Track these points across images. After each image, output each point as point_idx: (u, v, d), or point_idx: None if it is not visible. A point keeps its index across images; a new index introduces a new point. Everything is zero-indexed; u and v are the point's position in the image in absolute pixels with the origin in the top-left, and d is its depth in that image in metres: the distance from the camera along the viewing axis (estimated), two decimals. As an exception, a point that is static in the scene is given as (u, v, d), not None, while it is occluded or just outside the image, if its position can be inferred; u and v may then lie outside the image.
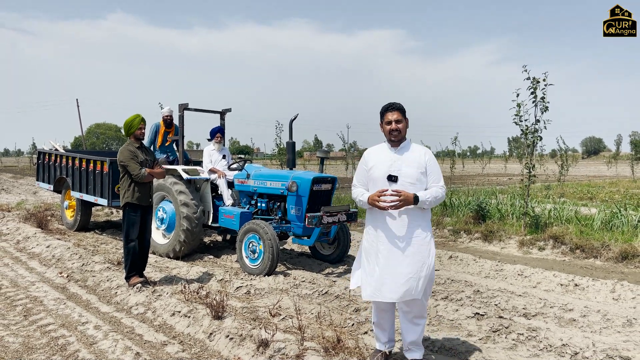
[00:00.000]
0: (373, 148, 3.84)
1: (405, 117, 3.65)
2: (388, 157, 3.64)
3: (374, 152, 3.78)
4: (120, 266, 6.97)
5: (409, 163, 3.57)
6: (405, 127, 3.65)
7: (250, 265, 6.79)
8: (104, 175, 9.04)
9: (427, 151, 3.64)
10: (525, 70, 8.75)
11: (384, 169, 3.60)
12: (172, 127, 9.53)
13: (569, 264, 7.45)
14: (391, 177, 3.57)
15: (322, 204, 7.07)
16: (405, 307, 3.68)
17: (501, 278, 6.71)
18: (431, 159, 3.59)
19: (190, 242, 7.71)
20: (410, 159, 3.59)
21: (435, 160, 3.59)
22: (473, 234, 9.29)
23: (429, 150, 3.65)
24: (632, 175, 29.13)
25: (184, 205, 7.64)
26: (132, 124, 5.81)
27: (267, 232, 6.55)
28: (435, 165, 3.59)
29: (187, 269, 6.94)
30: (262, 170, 7.70)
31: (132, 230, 5.77)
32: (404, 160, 3.59)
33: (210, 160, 8.25)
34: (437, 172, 3.59)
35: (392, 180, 3.57)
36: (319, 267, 7.35)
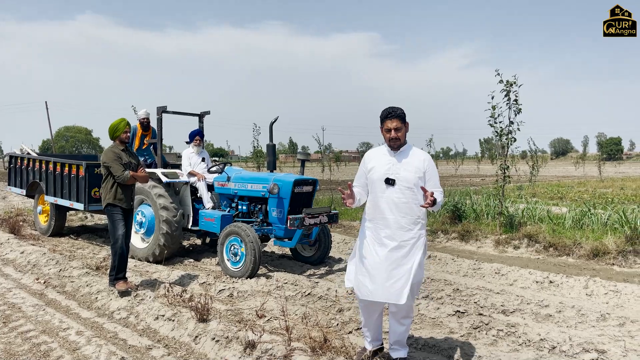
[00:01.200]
0: (373, 150, 3.92)
1: (405, 122, 3.68)
2: (387, 160, 3.69)
3: (374, 154, 3.84)
4: (99, 271, 6.89)
5: (408, 167, 3.61)
6: (405, 133, 3.69)
7: (232, 268, 6.79)
8: (79, 179, 8.90)
9: (426, 157, 3.65)
10: (498, 74, 8.98)
11: (382, 172, 3.66)
12: (149, 130, 9.45)
13: (543, 261, 7.67)
14: (389, 180, 3.62)
15: (304, 206, 7.12)
16: (394, 307, 3.75)
17: (479, 277, 6.87)
18: (430, 165, 3.62)
19: (170, 246, 7.66)
20: (409, 163, 3.63)
21: (434, 166, 3.64)
22: (450, 234, 9.47)
23: (428, 156, 3.67)
24: (600, 175, 30.00)
25: (164, 208, 7.58)
26: (118, 128, 5.77)
27: (249, 235, 6.56)
28: (435, 171, 3.64)
29: (168, 273, 6.89)
30: (243, 173, 7.70)
31: (118, 227, 5.70)
32: (403, 164, 3.63)
33: (189, 163, 8.21)
34: (437, 177, 3.64)
35: (389, 184, 3.62)
36: (300, 268, 7.39)
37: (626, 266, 7.09)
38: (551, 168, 58.36)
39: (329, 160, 37.33)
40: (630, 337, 4.48)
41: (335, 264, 7.64)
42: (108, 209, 5.75)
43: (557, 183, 26.42)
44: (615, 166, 53.72)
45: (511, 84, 8.95)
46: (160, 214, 7.55)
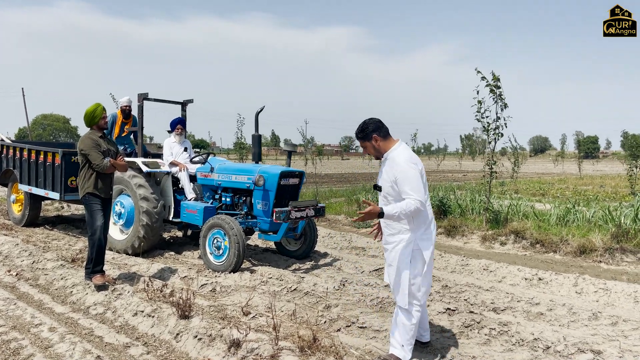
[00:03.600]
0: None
1: (368, 139, 3.78)
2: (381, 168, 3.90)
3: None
4: (75, 264, 6.59)
5: (383, 176, 3.77)
6: (373, 147, 3.79)
7: (215, 262, 6.56)
8: (55, 167, 8.55)
9: (396, 165, 3.63)
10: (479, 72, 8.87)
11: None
12: (130, 118, 9.13)
13: (530, 258, 7.61)
14: (376, 186, 3.84)
15: (290, 199, 6.92)
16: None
17: (467, 273, 6.76)
18: (399, 173, 3.58)
19: (150, 238, 7.39)
20: (384, 172, 3.77)
21: (403, 173, 3.56)
22: (436, 229, 9.34)
23: (399, 163, 3.62)
24: (579, 172, 30.39)
25: (144, 199, 7.31)
26: (95, 114, 5.48)
27: (233, 228, 6.34)
28: (404, 178, 3.56)
29: (147, 266, 6.63)
30: (227, 164, 7.46)
31: (97, 218, 5.43)
32: (382, 173, 3.82)
33: (170, 152, 7.93)
34: (405, 184, 3.56)
35: (378, 190, 3.83)
36: (285, 263, 7.19)
37: (613, 263, 7.05)
38: (530, 165, 59.09)
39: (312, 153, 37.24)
40: (624, 336, 4.40)
41: (321, 259, 7.46)
42: (86, 198, 5.47)
43: (537, 180, 26.64)
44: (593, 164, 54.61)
45: (498, 79, 8.85)
46: (140, 204, 7.28)
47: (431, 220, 3.82)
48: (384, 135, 3.77)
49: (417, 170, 3.59)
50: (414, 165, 3.61)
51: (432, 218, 3.85)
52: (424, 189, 3.61)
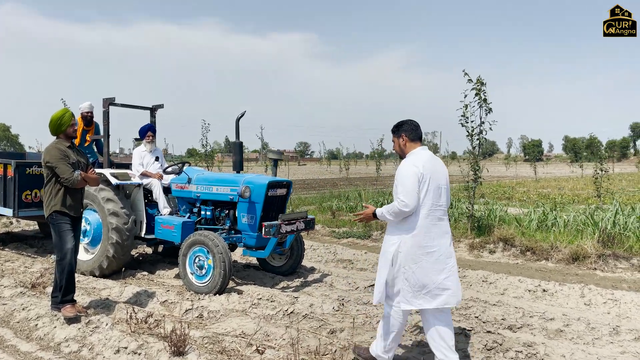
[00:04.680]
0: None
1: (397, 135, 3.85)
2: None
3: None
4: (36, 290, 5.84)
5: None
6: (399, 145, 3.85)
7: (197, 282, 5.96)
8: (7, 180, 7.67)
9: (399, 167, 3.73)
10: (466, 74, 8.68)
11: None
12: (92, 126, 8.37)
13: (523, 267, 7.39)
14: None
15: (276, 211, 6.41)
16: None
17: (466, 285, 6.44)
18: (398, 172, 3.67)
19: (120, 257, 6.69)
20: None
21: (399, 173, 3.64)
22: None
23: (402, 163, 3.72)
24: (535, 175, 31.19)
25: (113, 214, 6.60)
26: (63, 120, 4.80)
27: (218, 245, 5.77)
28: (398, 178, 3.64)
29: (120, 290, 5.95)
30: (206, 174, 6.86)
31: (67, 240, 4.74)
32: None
33: (141, 162, 7.25)
34: (398, 184, 3.62)
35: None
36: (271, 280, 6.66)
37: (608, 271, 6.92)
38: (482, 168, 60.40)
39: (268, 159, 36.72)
40: (655, 354, 4.16)
41: (309, 274, 6.97)
42: (53, 217, 4.77)
43: (497, 183, 27.08)
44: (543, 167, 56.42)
45: (482, 82, 8.67)
46: (109, 220, 6.57)
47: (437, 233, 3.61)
48: (412, 138, 3.80)
49: (413, 169, 3.54)
50: (413, 167, 3.56)
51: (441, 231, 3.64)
52: (428, 194, 3.55)
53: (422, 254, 3.55)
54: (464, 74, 8.51)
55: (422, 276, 3.54)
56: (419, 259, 3.55)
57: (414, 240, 3.56)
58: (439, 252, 3.58)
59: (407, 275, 3.57)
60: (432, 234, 3.58)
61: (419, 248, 3.55)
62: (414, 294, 3.57)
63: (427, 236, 3.56)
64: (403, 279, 3.60)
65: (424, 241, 3.55)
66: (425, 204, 3.55)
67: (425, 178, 3.55)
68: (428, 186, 3.55)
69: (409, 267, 3.57)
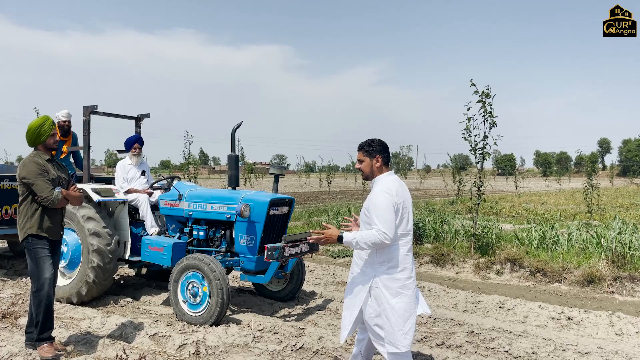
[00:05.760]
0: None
1: (372, 156, 3.59)
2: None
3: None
4: (6, 321, 5.14)
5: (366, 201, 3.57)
6: (371, 166, 3.60)
7: (190, 312, 5.34)
8: (-26, 195, 6.93)
9: (372, 192, 3.51)
10: (473, 85, 8.33)
11: None
12: (70, 136, 7.71)
13: (535, 289, 6.98)
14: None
15: (277, 232, 5.86)
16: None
17: (482, 312, 5.98)
18: (372, 199, 3.45)
19: (101, 283, 6.02)
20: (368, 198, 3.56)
21: (375, 203, 3.39)
22: (422, 257, 8.59)
23: (375, 191, 3.47)
24: (516, 190, 31.28)
25: (94, 235, 5.94)
26: (42, 130, 4.17)
27: (215, 270, 5.18)
28: (374, 208, 3.39)
29: (102, 321, 5.28)
30: (199, 190, 6.26)
31: (44, 268, 4.11)
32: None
33: (125, 177, 6.61)
34: (374, 213, 3.37)
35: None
36: (270, 307, 6.08)
37: (627, 294, 6.56)
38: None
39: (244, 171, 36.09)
40: None
41: (310, 300, 6.41)
42: (29, 242, 4.12)
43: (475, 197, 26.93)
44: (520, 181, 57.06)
45: (487, 94, 8.32)
46: (90, 241, 5.91)
47: (410, 263, 3.47)
48: (386, 162, 3.63)
49: (390, 199, 3.36)
50: (389, 195, 3.37)
51: (412, 260, 3.50)
52: (401, 223, 3.40)
53: (400, 288, 3.38)
54: (471, 84, 8.15)
55: (403, 311, 3.35)
56: (398, 293, 3.37)
57: (391, 273, 3.39)
58: (413, 285, 3.48)
59: (387, 313, 3.36)
60: (407, 265, 3.45)
61: (397, 281, 3.39)
62: (396, 334, 3.33)
63: (403, 268, 3.41)
64: (383, 318, 3.38)
65: (401, 273, 3.40)
66: (400, 233, 3.42)
67: (399, 207, 3.41)
68: (401, 214, 3.43)
69: (389, 304, 3.36)
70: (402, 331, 3.33)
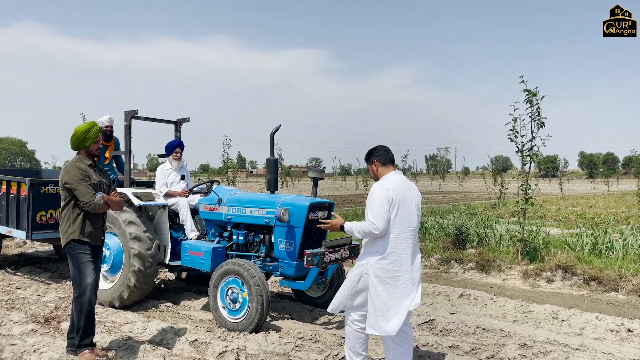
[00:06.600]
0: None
1: (369, 162, 3.99)
2: None
3: None
4: (49, 326, 5.19)
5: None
6: (372, 171, 3.98)
7: (230, 318, 5.25)
8: (21, 200, 7.09)
9: (370, 190, 3.78)
10: (523, 82, 7.98)
11: None
12: (112, 141, 7.79)
13: (590, 299, 6.59)
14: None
15: (317, 237, 5.72)
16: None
17: (533, 323, 5.66)
18: (369, 194, 3.75)
19: (142, 287, 6.03)
20: None
21: (370, 195, 3.72)
22: (466, 263, 8.28)
23: (373, 187, 3.77)
24: (561, 192, 30.22)
25: (135, 239, 5.95)
26: (89, 135, 4.18)
27: (255, 276, 5.08)
28: (369, 199, 3.72)
29: (143, 325, 5.26)
30: (238, 194, 6.20)
31: (86, 274, 4.10)
32: None
33: (165, 182, 6.62)
34: (368, 206, 3.71)
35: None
36: (310, 314, 5.94)
37: (693, 305, 6.10)
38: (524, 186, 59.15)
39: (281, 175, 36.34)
40: None
41: (351, 306, 6.22)
42: (71, 247, 4.12)
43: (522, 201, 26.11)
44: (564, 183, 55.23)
45: (534, 93, 7.96)
46: (131, 246, 5.92)
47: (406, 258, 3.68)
48: (383, 162, 3.93)
49: (384, 195, 3.62)
50: (384, 190, 3.65)
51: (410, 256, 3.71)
52: (395, 218, 3.62)
53: (389, 278, 3.64)
54: (521, 81, 7.80)
55: (388, 300, 3.62)
56: (386, 282, 3.64)
57: (382, 263, 3.65)
58: (405, 277, 3.66)
59: (373, 298, 3.66)
60: (401, 258, 3.66)
61: (386, 272, 3.64)
62: (378, 318, 3.64)
63: (394, 260, 3.64)
64: (369, 301, 3.69)
65: (391, 265, 3.64)
66: (395, 228, 3.64)
67: (395, 202, 3.64)
68: (398, 210, 3.64)
69: (375, 290, 3.66)
70: (384, 317, 3.61)
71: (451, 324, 5.42)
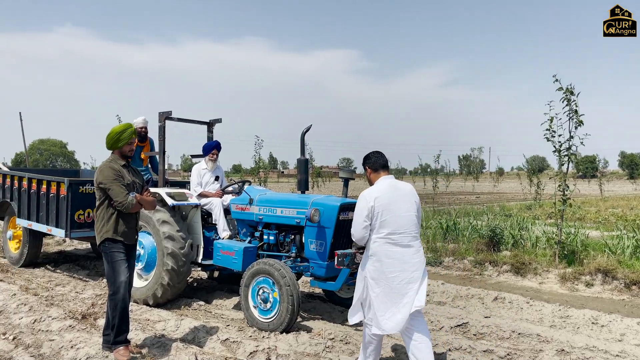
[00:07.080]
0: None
1: (364, 169, 4.20)
2: None
3: None
4: (86, 322, 5.32)
5: None
6: (367, 177, 4.19)
7: (261, 318, 5.28)
8: (60, 199, 7.31)
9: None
10: (557, 80, 7.75)
11: None
12: (146, 142, 7.95)
13: (631, 304, 6.34)
14: None
15: (348, 237, 5.66)
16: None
17: (572, 328, 5.48)
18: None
19: (175, 285, 6.12)
20: None
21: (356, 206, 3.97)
22: (500, 266, 8.09)
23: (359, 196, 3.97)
24: (601, 193, 29.30)
25: (169, 238, 6.05)
26: (123, 136, 4.27)
27: (285, 276, 5.08)
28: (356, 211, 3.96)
29: (176, 324, 5.34)
30: (269, 194, 6.23)
31: (120, 272, 4.20)
32: None
33: (199, 182, 6.70)
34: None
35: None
36: (341, 315, 5.91)
37: None
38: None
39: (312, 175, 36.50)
40: None
41: (382, 308, 6.16)
42: (105, 245, 4.22)
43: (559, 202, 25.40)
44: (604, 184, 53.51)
45: (571, 91, 7.72)
46: (165, 245, 6.02)
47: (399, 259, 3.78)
48: (374, 168, 4.10)
49: (364, 205, 3.83)
50: (364, 200, 3.86)
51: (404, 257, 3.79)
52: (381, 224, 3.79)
53: (383, 279, 3.79)
54: (555, 80, 7.59)
55: (386, 300, 3.76)
56: (380, 283, 3.80)
57: (375, 265, 3.83)
58: (400, 277, 3.76)
59: (372, 298, 3.84)
60: (393, 260, 3.78)
61: (381, 273, 3.80)
62: (378, 317, 3.78)
63: (386, 262, 3.78)
64: (370, 303, 3.86)
65: (384, 267, 3.79)
66: (383, 231, 3.79)
67: (378, 209, 3.80)
68: (382, 216, 3.80)
69: (373, 291, 3.83)
70: (384, 316, 3.75)
71: (485, 328, 5.30)
